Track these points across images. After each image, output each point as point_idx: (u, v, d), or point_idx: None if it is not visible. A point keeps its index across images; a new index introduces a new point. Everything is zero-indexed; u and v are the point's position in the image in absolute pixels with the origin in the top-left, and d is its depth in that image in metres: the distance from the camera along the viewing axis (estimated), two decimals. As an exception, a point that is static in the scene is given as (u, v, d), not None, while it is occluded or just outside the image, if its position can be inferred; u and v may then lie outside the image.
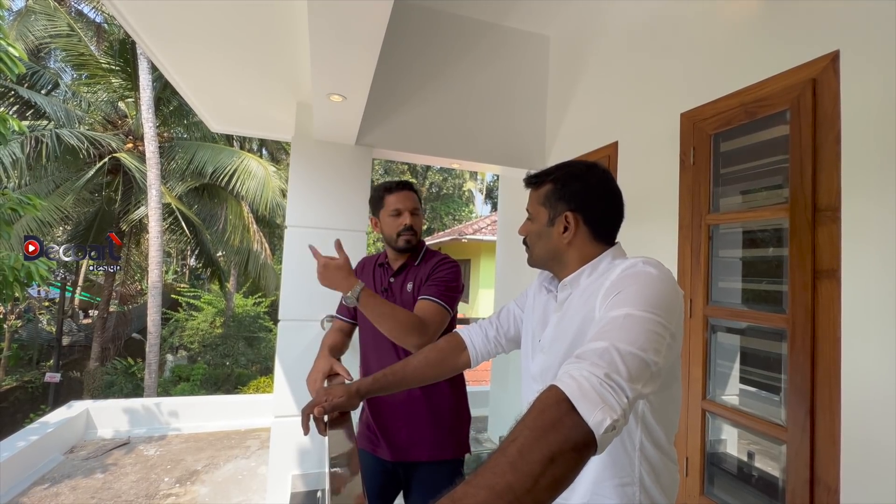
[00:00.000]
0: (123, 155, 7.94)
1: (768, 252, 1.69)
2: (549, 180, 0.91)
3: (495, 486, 0.46)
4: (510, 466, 0.47)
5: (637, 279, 0.72)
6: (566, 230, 0.87)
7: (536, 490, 0.46)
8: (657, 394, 0.77)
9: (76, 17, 9.03)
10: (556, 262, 0.91)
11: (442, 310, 1.31)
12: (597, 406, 0.53)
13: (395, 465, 1.42)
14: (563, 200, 0.88)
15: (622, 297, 0.70)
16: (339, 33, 1.52)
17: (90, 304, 13.48)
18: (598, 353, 0.60)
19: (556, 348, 0.85)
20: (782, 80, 1.45)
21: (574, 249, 0.88)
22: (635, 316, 0.66)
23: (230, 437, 4.33)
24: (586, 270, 0.86)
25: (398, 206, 1.44)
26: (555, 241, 0.89)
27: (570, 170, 0.91)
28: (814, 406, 1.29)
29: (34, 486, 3.24)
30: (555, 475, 0.48)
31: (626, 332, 0.63)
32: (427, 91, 2.75)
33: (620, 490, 0.77)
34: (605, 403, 0.53)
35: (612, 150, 2.30)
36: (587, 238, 0.87)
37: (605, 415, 0.52)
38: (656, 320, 0.66)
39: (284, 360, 2.58)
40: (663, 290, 0.71)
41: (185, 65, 2.34)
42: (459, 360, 1.09)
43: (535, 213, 0.93)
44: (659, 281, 0.72)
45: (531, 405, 0.55)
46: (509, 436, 0.52)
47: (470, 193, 21.30)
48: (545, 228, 0.91)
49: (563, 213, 0.88)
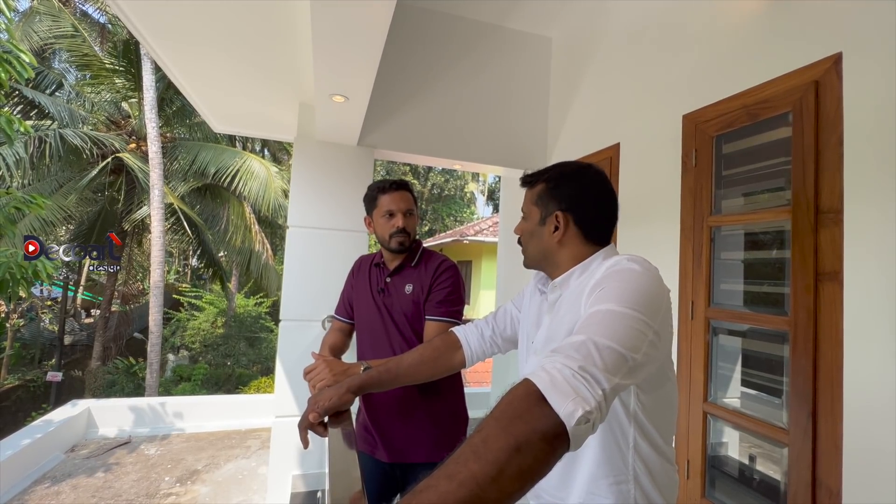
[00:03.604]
0: (126, 155, 7.97)
1: (770, 254, 1.69)
2: (543, 180, 0.92)
3: (457, 474, 0.44)
4: (473, 455, 0.46)
5: (619, 276, 0.72)
6: (556, 230, 0.87)
7: (502, 479, 0.45)
8: (648, 393, 0.77)
9: (80, 18, 9.07)
10: (548, 262, 0.91)
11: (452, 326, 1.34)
12: (568, 397, 0.52)
13: (392, 467, 1.42)
14: (554, 200, 0.89)
15: (603, 293, 0.70)
16: (342, 34, 1.52)
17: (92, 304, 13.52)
18: (575, 346, 0.59)
19: (547, 349, 0.84)
20: (785, 82, 1.45)
21: (565, 250, 0.88)
22: (616, 312, 0.65)
23: (231, 436, 4.34)
24: (576, 271, 0.86)
25: (391, 207, 1.42)
26: (546, 240, 0.89)
27: (563, 170, 0.91)
28: (816, 409, 1.28)
29: (35, 485, 3.25)
30: (521, 465, 0.46)
31: (605, 327, 0.62)
32: (429, 92, 2.76)
33: (615, 488, 0.77)
34: (578, 395, 0.52)
35: (614, 152, 2.30)
36: (578, 238, 0.87)
37: (577, 406, 0.51)
38: (637, 317, 0.65)
39: (285, 361, 2.59)
40: (646, 287, 0.70)
41: (189, 65, 2.36)
42: (455, 360, 1.09)
43: (528, 212, 0.94)
44: (641, 277, 0.72)
45: (500, 398, 0.54)
46: (476, 428, 0.50)
47: (472, 195, 21.30)
48: (537, 228, 0.91)
49: (553, 213, 0.88)
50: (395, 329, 1.42)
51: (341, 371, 1.16)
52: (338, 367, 1.17)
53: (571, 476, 0.81)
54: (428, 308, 1.40)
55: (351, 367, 1.18)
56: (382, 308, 1.45)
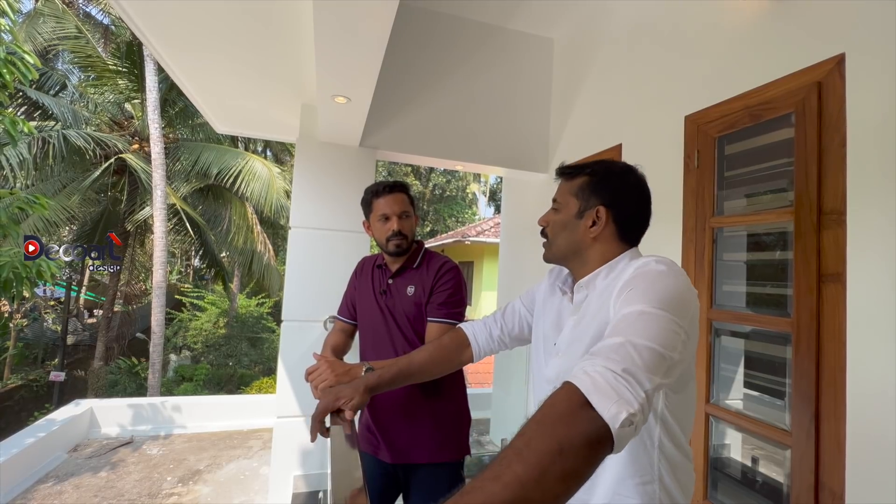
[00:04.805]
0: (129, 156, 8.00)
1: (773, 256, 1.68)
2: (587, 173, 0.89)
3: (502, 476, 0.45)
4: (517, 457, 0.46)
5: (647, 277, 0.72)
6: (594, 224, 0.85)
7: (545, 481, 0.45)
8: (675, 392, 0.77)
9: (84, 20, 9.11)
10: (576, 257, 0.89)
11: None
12: (611, 400, 0.52)
13: (395, 468, 1.42)
14: (597, 194, 0.86)
15: (634, 294, 0.69)
16: (345, 35, 1.53)
17: (95, 304, 13.55)
18: (613, 348, 0.59)
19: (574, 350, 0.83)
20: (787, 83, 1.45)
21: (597, 246, 0.86)
22: (649, 313, 0.64)
23: (233, 437, 4.34)
24: (603, 271, 0.84)
25: (385, 210, 1.42)
26: (580, 234, 0.87)
27: (609, 166, 0.90)
28: (819, 411, 1.28)
29: (38, 484, 3.26)
30: (564, 468, 0.46)
31: (641, 328, 0.62)
32: (431, 93, 2.76)
33: (641, 489, 0.76)
34: (621, 398, 0.52)
35: (616, 153, 2.30)
36: (613, 236, 0.86)
37: (621, 408, 0.51)
38: (670, 318, 0.64)
39: (287, 361, 2.59)
40: (675, 288, 0.70)
41: (192, 66, 2.37)
42: (463, 357, 1.12)
43: (565, 202, 0.90)
44: (669, 278, 0.71)
45: (542, 403, 0.54)
46: (518, 431, 0.50)
47: (473, 195, 21.31)
48: (572, 220, 0.88)
49: (595, 207, 0.86)
50: (398, 330, 1.43)
51: (343, 371, 1.16)
52: (340, 368, 1.17)
53: (597, 476, 0.80)
54: (429, 309, 1.40)
55: (353, 367, 1.19)
56: (385, 309, 1.45)
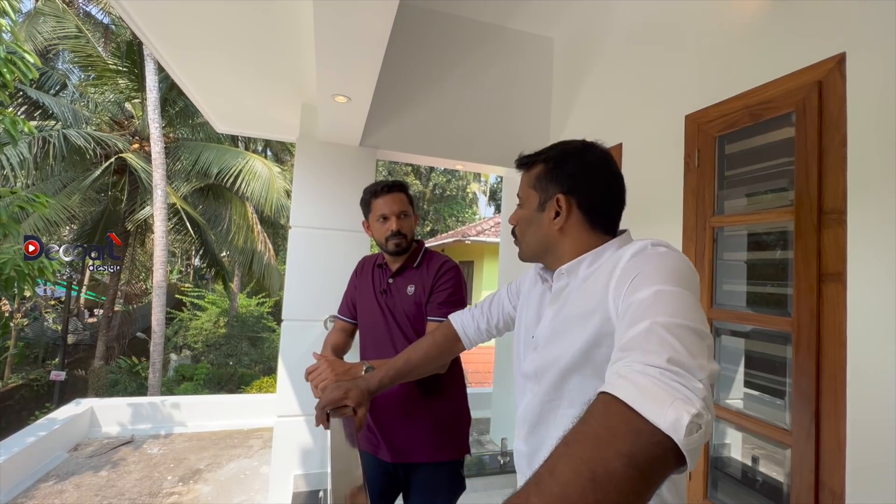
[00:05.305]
0: (129, 155, 8.00)
1: (773, 255, 1.68)
2: (541, 160, 0.82)
3: None
4: (536, 487, 0.38)
5: (652, 259, 0.65)
6: (557, 215, 0.77)
7: None
8: None
9: (84, 19, 9.10)
10: (547, 253, 0.81)
11: None
12: (666, 403, 0.41)
13: (395, 467, 1.43)
14: (554, 182, 0.78)
15: (642, 277, 0.61)
16: (345, 34, 1.53)
17: (95, 304, 13.56)
18: (643, 336, 0.50)
19: (552, 345, 0.76)
20: (788, 83, 1.44)
21: (568, 238, 0.78)
22: (666, 291, 0.56)
23: (233, 436, 4.35)
24: (587, 259, 0.76)
25: (384, 210, 1.43)
26: (545, 228, 0.79)
27: (564, 148, 0.81)
28: (819, 410, 1.28)
29: (39, 483, 3.26)
30: (599, 500, 0.36)
31: (664, 305, 0.54)
32: (431, 93, 2.76)
33: None
34: (677, 398, 0.42)
35: (616, 153, 2.29)
36: (582, 226, 0.77)
37: (681, 411, 0.40)
38: (690, 294, 0.57)
39: (287, 360, 2.59)
40: (681, 266, 0.63)
41: (192, 66, 2.36)
42: (455, 349, 1.15)
43: (525, 197, 0.84)
44: (674, 258, 0.65)
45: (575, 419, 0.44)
46: (548, 456, 0.41)
47: (473, 195, 21.30)
48: (535, 214, 0.81)
49: (554, 196, 0.78)
50: (398, 329, 1.43)
51: (343, 371, 1.17)
52: (340, 367, 1.18)
53: None
54: (430, 309, 1.40)
55: (353, 366, 1.19)
56: (385, 309, 1.45)
